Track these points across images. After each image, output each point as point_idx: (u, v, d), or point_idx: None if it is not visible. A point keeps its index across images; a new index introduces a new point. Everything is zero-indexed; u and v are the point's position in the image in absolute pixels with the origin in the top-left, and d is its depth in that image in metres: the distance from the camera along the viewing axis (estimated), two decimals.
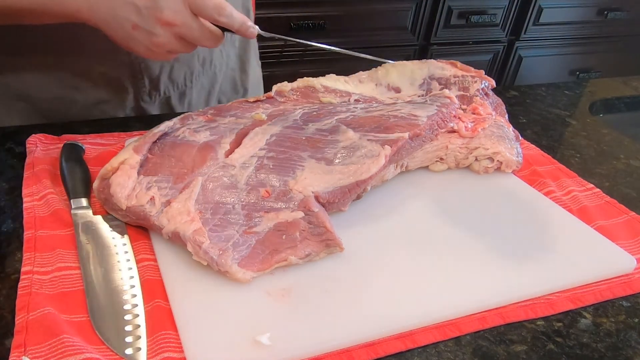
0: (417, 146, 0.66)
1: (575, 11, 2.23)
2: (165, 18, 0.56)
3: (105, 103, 0.81)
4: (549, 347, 0.49)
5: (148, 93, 0.83)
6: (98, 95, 0.80)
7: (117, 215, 0.56)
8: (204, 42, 0.61)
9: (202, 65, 0.87)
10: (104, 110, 0.82)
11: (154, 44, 0.59)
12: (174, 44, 0.60)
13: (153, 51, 0.60)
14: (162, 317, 0.46)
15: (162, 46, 0.59)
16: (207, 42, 0.61)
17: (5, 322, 0.45)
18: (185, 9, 0.56)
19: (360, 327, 0.47)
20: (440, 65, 0.80)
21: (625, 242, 0.62)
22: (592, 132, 0.91)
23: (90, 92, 0.80)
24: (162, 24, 0.57)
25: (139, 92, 0.82)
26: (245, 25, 0.62)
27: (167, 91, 0.85)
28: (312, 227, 0.53)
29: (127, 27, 0.58)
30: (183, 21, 0.57)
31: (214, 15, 0.58)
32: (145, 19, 0.57)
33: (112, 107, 0.82)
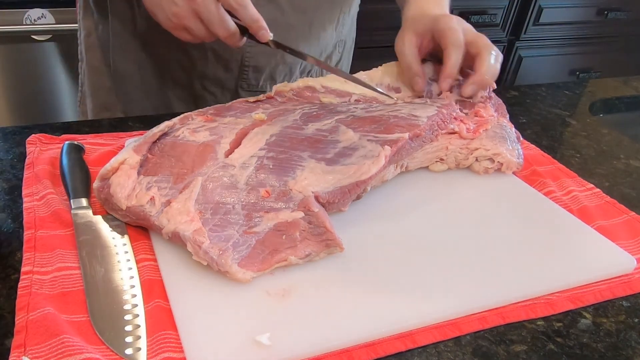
0: (417, 147, 0.65)
1: (575, 11, 2.23)
2: None
3: (207, 79, 0.85)
4: (549, 347, 0.49)
5: (248, 82, 0.86)
6: (203, 69, 0.84)
7: (117, 215, 0.56)
8: (217, 28, 0.63)
9: (301, 74, 0.91)
10: (204, 85, 0.85)
11: (173, 14, 0.62)
12: (191, 20, 0.62)
13: (172, 21, 0.63)
14: (162, 317, 0.46)
15: (180, 18, 0.62)
16: (220, 30, 0.63)
17: (5, 322, 0.45)
18: None
19: (360, 327, 0.47)
20: None
21: (625, 242, 0.62)
22: (592, 132, 0.91)
23: (198, 63, 0.83)
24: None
25: (240, 78, 0.85)
26: (258, 24, 0.64)
27: (264, 85, 0.88)
28: (312, 227, 0.53)
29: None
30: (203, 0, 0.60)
31: (230, 1, 0.61)
32: None
33: (214, 84, 0.86)
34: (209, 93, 0.86)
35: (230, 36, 0.65)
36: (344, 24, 0.92)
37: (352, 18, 0.96)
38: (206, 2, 0.60)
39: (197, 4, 0.60)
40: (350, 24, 0.96)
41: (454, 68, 0.69)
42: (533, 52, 2.25)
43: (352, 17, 0.96)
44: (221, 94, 0.87)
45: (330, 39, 0.91)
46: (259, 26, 0.64)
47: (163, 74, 0.85)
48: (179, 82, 0.86)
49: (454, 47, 0.69)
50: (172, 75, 0.85)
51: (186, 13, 0.61)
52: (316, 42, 0.88)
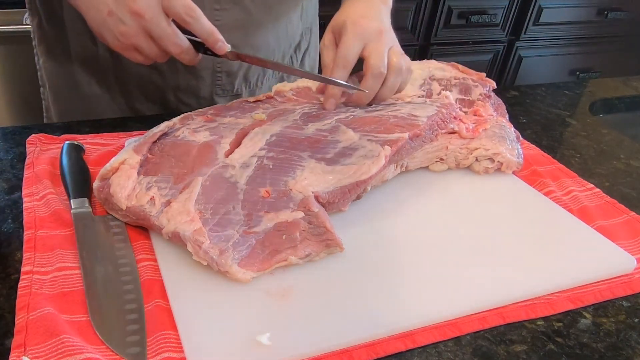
0: (417, 146, 0.65)
1: (575, 11, 2.23)
2: (135, 7, 0.57)
3: (182, 91, 0.84)
4: (549, 347, 0.49)
5: (222, 87, 0.86)
6: (176, 81, 0.83)
7: (117, 215, 0.56)
8: (169, 45, 0.60)
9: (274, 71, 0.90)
10: (179, 97, 0.84)
11: (121, 33, 0.59)
12: (141, 38, 0.59)
13: (120, 41, 0.60)
14: (162, 317, 0.46)
15: (128, 37, 0.59)
16: (173, 47, 0.60)
17: (5, 322, 0.45)
18: (157, 4, 0.57)
19: (360, 327, 0.47)
20: (440, 66, 0.80)
21: (625, 242, 0.62)
22: (592, 132, 0.91)
23: (170, 76, 0.82)
24: (132, 14, 0.57)
25: (214, 85, 0.85)
26: (213, 36, 0.61)
27: (239, 89, 0.88)
28: (312, 227, 0.53)
29: (103, 12, 0.59)
30: (152, 15, 0.57)
31: (181, 14, 0.58)
32: (120, 5, 0.57)
33: (188, 95, 0.85)
34: (184, 104, 0.85)
35: (184, 53, 0.62)
36: (307, 11, 0.92)
37: (314, 3, 0.95)
38: (156, 18, 0.57)
39: (146, 20, 0.57)
40: (314, 10, 0.95)
41: (335, 88, 0.67)
42: (533, 52, 2.25)
43: (315, 3, 0.95)
44: (197, 103, 0.85)
45: (297, 28, 0.90)
46: (215, 39, 0.61)
47: (133, 93, 0.83)
48: (152, 98, 0.84)
49: (337, 66, 0.66)
50: (144, 92, 0.83)
51: (135, 31, 0.58)
52: (284, 35, 0.87)
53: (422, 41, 2.03)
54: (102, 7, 0.58)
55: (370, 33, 0.66)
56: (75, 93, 0.84)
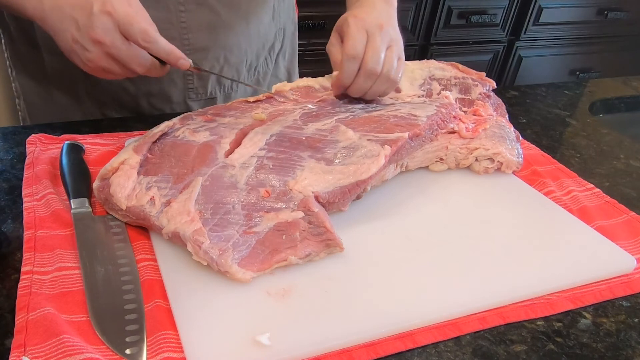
0: (417, 146, 0.65)
1: (575, 11, 2.22)
2: (95, 36, 0.59)
3: (153, 96, 0.84)
4: (549, 347, 0.49)
5: (195, 91, 0.86)
6: (148, 87, 0.83)
7: (117, 215, 0.56)
8: (133, 66, 0.62)
9: (248, 70, 0.90)
10: (151, 102, 0.85)
11: (87, 59, 0.61)
12: (107, 62, 0.61)
13: (88, 66, 0.62)
14: (162, 317, 0.46)
15: (95, 62, 0.61)
16: (137, 67, 0.62)
17: (5, 322, 0.45)
18: (115, 30, 0.59)
19: (360, 327, 0.47)
20: (440, 66, 0.80)
21: (625, 242, 0.62)
22: (592, 132, 0.91)
23: (141, 84, 0.82)
24: (93, 41, 0.59)
25: (186, 89, 0.85)
26: (173, 55, 0.63)
27: (213, 92, 0.88)
28: (312, 227, 0.53)
29: (68, 39, 0.61)
30: (112, 41, 0.59)
31: (138, 39, 0.60)
32: (82, 34, 0.60)
33: (160, 100, 0.85)
34: (157, 110, 0.85)
35: (150, 70, 0.64)
36: (280, 12, 0.91)
37: (288, 5, 0.95)
38: (116, 43, 0.59)
39: (108, 46, 0.59)
40: (288, 10, 0.95)
41: (345, 80, 0.67)
42: (533, 52, 2.25)
43: (289, 3, 0.95)
44: (170, 109, 0.86)
45: (270, 29, 0.90)
46: (175, 57, 0.63)
47: (106, 102, 0.84)
48: (126, 106, 0.85)
49: (348, 60, 0.66)
50: (117, 100, 0.84)
51: (99, 57, 0.61)
52: (256, 36, 0.87)
53: (422, 41, 2.03)
54: (67, 35, 0.61)
55: (371, 25, 0.67)
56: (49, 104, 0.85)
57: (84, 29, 0.59)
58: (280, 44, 0.95)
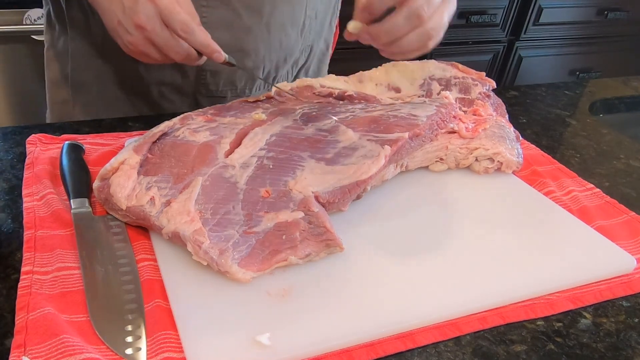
0: (417, 146, 0.65)
1: (575, 11, 2.23)
2: (138, 21, 0.61)
3: (165, 85, 0.85)
4: (549, 347, 0.49)
5: (206, 86, 0.86)
6: (161, 76, 0.84)
7: (117, 215, 0.56)
8: (171, 54, 0.64)
9: (266, 78, 0.90)
10: (161, 91, 0.85)
11: (128, 42, 0.64)
12: (147, 47, 0.64)
13: (129, 48, 0.65)
14: (162, 317, 0.46)
15: (136, 46, 0.64)
16: (175, 55, 0.64)
17: (5, 322, 0.45)
18: (156, 17, 0.61)
19: (360, 327, 0.47)
20: (440, 66, 0.80)
21: (625, 242, 0.62)
22: (592, 132, 0.91)
23: (154, 71, 0.83)
24: (135, 26, 0.62)
25: (198, 83, 0.85)
26: (210, 48, 0.65)
27: (224, 91, 0.87)
28: (312, 227, 0.53)
29: (114, 20, 0.64)
30: (153, 27, 0.62)
31: (177, 29, 0.62)
32: (126, 17, 0.62)
33: (170, 90, 0.85)
34: (167, 100, 0.86)
35: (186, 59, 0.66)
36: (310, 29, 0.90)
37: (321, 23, 0.93)
38: (156, 30, 0.62)
39: (149, 32, 0.62)
40: (320, 30, 0.93)
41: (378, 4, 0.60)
42: (533, 52, 2.25)
43: (322, 22, 0.93)
44: (180, 100, 0.86)
45: (295, 43, 0.89)
46: (212, 50, 0.65)
47: (121, 82, 0.86)
48: (137, 89, 0.86)
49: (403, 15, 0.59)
50: (130, 82, 0.85)
51: (140, 41, 0.63)
52: (278, 46, 0.86)
53: None
54: (113, 17, 0.64)
55: None
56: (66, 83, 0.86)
57: (129, 12, 0.61)
58: (304, 60, 0.94)
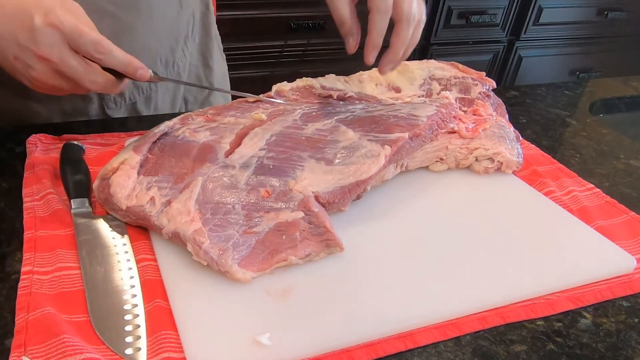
0: (417, 146, 0.66)
1: (575, 11, 2.23)
2: (39, 52, 0.54)
3: (70, 115, 0.79)
4: (549, 347, 0.49)
5: (113, 100, 0.81)
6: (60, 106, 0.78)
7: (117, 215, 0.56)
8: (86, 83, 0.57)
9: (165, 67, 0.85)
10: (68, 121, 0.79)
11: (33, 78, 0.56)
12: (56, 80, 0.56)
13: (34, 85, 0.58)
14: (162, 317, 0.46)
15: (41, 80, 0.56)
16: (90, 85, 0.57)
17: (5, 322, 0.45)
18: (62, 44, 0.54)
19: (360, 327, 0.47)
20: (440, 65, 0.80)
21: (625, 242, 0.62)
22: (592, 132, 0.91)
23: (52, 104, 0.77)
24: (38, 58, 0.54)
25: (103, 100, 0.80)
26: (131, 66, 0.58)
27: (132, 97, 0.83)
28: (312, 227, 0.53)
29: (9, 58, 0.56)
30: (60, 57, 0.54)
31: (90, 51, 0.55)
32: (24, 51, 0.54)
33: (77, 117, 0.80)
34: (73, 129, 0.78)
35: (104, 87, 0.58)
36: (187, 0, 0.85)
37: None
38: (64, 60, 0.54)
39: (55, 63, 0.54)
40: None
41: (379, 37, 0.60)
42: (533, 52, 2.25)
43: None
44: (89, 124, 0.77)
45: (179, 19, 0.84)
46: (134, 68, 0.58)
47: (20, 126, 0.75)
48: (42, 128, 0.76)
49: (379, 12, 0.59)
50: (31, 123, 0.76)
51: (46, 75, 0.55)
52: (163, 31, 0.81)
53: (422, 41, 2.03)
54: (8, 53, 0.55)
55: None
56: None
57: (26, 44, 0.53)
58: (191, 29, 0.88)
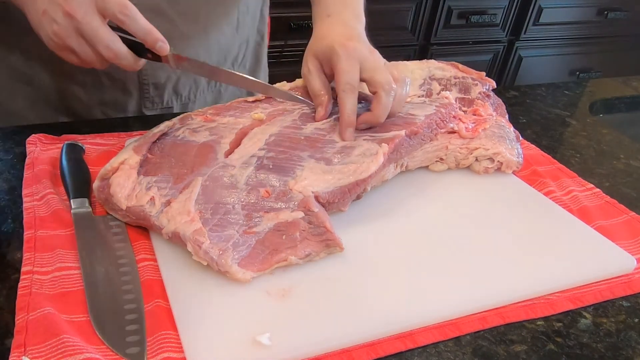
0: (416, 145, 0.65)
1: (575, 11, 2.23)
2: (67, 8, 0.55)
3: (107, 105, 0.82)
4: (549, 347, 0.49)
5: (151, 100, 0.84)
6: (101, 96, 0.80)
7: (117, 215, 0.56)
8: (101, 48, 0.58)
9: (208, 83, 0.88)
10: (105, 112, 0.83)
11: (54, 33, 0.57)
12: (74, 40, 0.57)
13: (54, 41, 0.59)
14: (162, 317, 0.46)
15: (62, 37, 0.57)
16: (105, 50, 0.58)
17: (5, 322, 0.45)
18: (90, 4, 0.56)
19: (360, 327, 0.47)
20: (440, 65, 0.80)
21: (625, 242, 0.62)
22: (592, 132, 0.91)
23: (94, 91, 0.80)
24: (64, 14, 0.56)
25: (142, 98, 0.83)
26: (152, 36, 0.59)
27: (170, 102, 0.86)
28: (312, 227, 0.53)
29: (39, 10, 0.57)
30: (84, 16, 0.56)
31: (115, 12, 0.56)
32: (53, 5, 0.56)
33: (114, 109, 0.83)
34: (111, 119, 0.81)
35: (119, 58, 0.59)
36: (244, 23, 0.89)
37: (253, 16, 0.91)
38: (88, 18, 0.55)
39: (78, 21, 0.55)
40: (252, 22, 0.92)
41: (350, 116, 0.62)
42: (533, 52, 2.25)
43: (254, 14, 0.91)
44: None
45: (233, 41, 0.88)
46: (154, 38, 0.59)
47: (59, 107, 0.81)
48: (78, 113, 0.81)
49: (345, 93, 0.62)
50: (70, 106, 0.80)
51: (67, 32, 0.57)
52: (216, 48, 0.84)
53: (422, 41, 2.03)
54: (38, 6, 0.57)
55: (363, 53, 0.64)
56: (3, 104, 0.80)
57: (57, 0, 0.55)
58: (242, 55, 0.92)
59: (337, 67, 0.63)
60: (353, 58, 0.63)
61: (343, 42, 0.64)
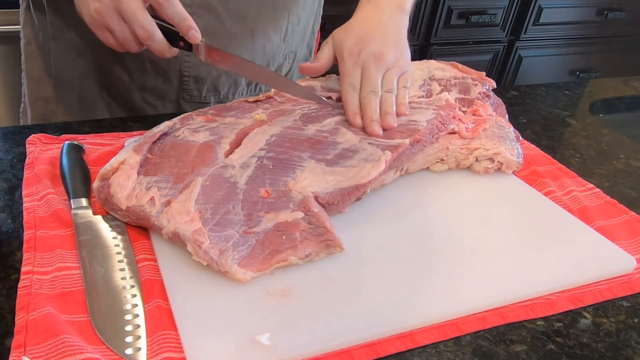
0: (417, 151, 0.65)
1: (575, 11, 2.23)
2: None
3: (147, 90, 0.84)
4: (549, 347, 0.49)
5: (189, 92, 0.85)
6: (143, 81, 0.82)
7: (117, 215, 0.56)
8: (137, 28, 0.60)
9: (248, 85, 0.89)
10: (144, 97, 0.84)
11: (96, 10, 0.60)
12: (113, 18, 0.60)
13: (94, 19, 0.61)
14: (162, 317, 0.46)
15: (101, 15, 0.60)
16: (140, 30, 0.60)
17: (5, 322, 0.45)
18: None
19: (360, 327, 0.47)
20: (440, 66, 0.80)
21: (625, 242, 0.62)
22: (592, 132, 0.91)
23: (137, 75, 0.82)
24: None
25: (181, 89, 0.84)
26: (186, 22, 0.62)
27: (208, 97, 0.87)
28: (312, 228, 0.53)
29: None
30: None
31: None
32: None
33: (153, 96, 0.84)
34: (150, 105, 0.85)
35: (152, 40, 0.62)
36: (293, 35, 0.90)
37: (304, 29, 0.93)
38: None
39: (120, 1, 0.58)
40: (303, 35, 0.94)
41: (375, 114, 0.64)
42: (533, 52, 2.25)
43: (305, 28, 0.94)
44: (162, 105, 0.85)
45: (278, 49, 0.89)
46: (188, 25, 0.62)
47: (104, 84, 0.84)
48: (119, 93, 0.84)
49: (346, 90, 0.66)
50: (112, 85, 0.84)
51: (108, 10, 0.60)
52: (261, 52, 0.86)
53: (422, 41, 2.03)
54: None
55: (367, 58, 0.67)
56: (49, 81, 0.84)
57: None
58: (289, 67, 0.94)
59: (341, 69, 0.68)
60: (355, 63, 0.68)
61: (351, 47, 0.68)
